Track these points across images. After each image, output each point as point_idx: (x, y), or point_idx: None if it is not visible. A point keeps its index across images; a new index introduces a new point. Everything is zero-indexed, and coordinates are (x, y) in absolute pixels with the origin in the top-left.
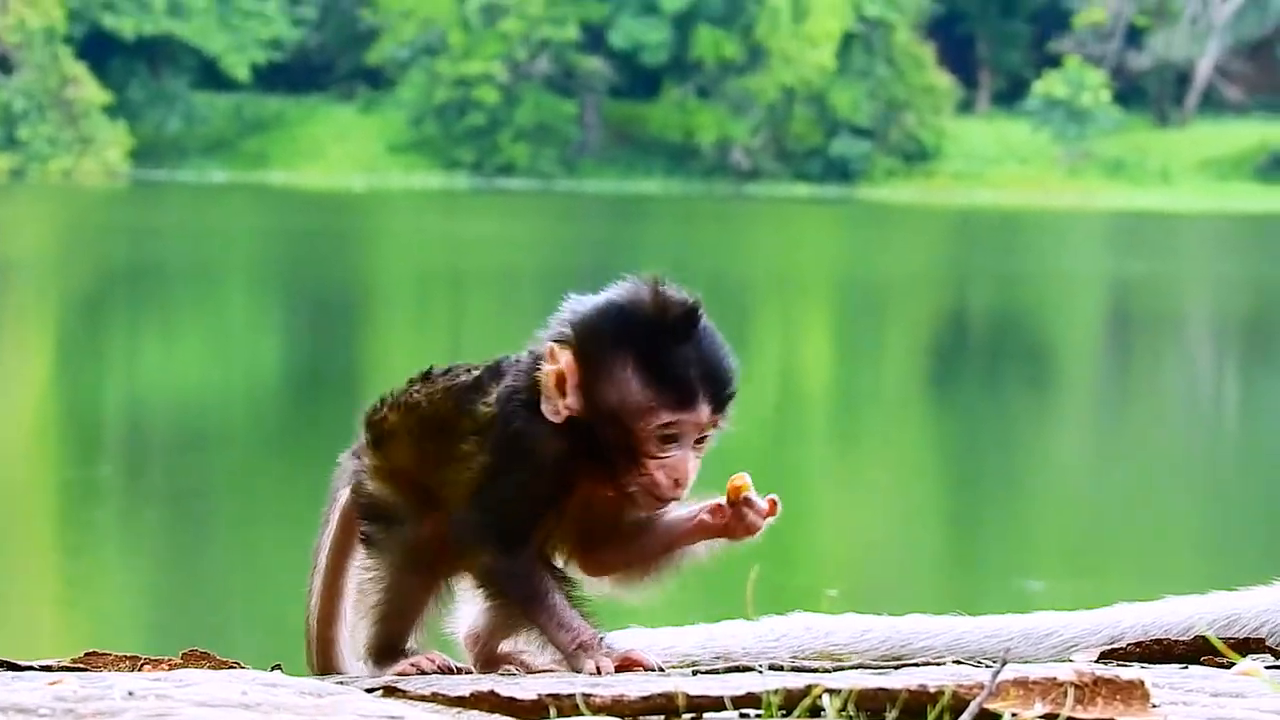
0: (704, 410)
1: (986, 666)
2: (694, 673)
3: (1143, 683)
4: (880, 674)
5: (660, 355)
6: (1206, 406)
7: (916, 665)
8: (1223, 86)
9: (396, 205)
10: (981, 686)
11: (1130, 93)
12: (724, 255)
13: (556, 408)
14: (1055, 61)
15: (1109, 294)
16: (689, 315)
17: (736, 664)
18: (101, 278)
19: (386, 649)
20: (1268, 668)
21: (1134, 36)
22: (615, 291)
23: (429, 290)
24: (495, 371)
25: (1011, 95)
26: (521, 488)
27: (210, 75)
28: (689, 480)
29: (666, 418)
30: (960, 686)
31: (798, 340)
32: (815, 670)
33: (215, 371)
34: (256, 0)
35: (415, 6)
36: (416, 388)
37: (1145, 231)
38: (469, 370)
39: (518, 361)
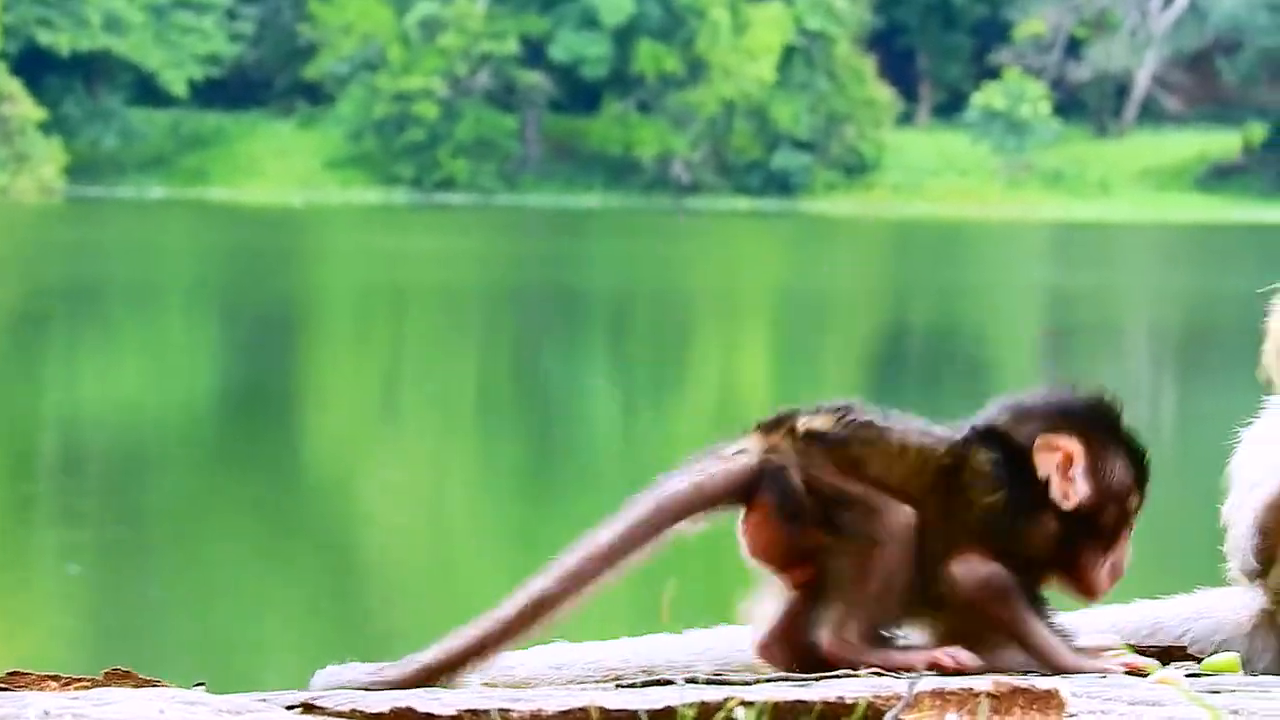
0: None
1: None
2: (615, 686)
3: (1058, 691)
4: (801, 686)
5: (1135, 442)
6: (1144, 416)
7: (839, 677)
8: (1162, 97)
9: (336, 221)
10: (899, 697)
11: (1070, 104)
12: (664, 269)
13: (1067, 494)
14: (995, 73)
15: (1047, 305)
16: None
17: (658, 677)
18: (37, 295)
19: (873, 634)
20: (1188, 675)
21: (1073, 48)
22: (1067, 390)
23: (369, 306)
24: (969, 438)
25: (951, 107)
26: (1030, 540)
27: (147, 91)
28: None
29: (1141, 497)
30: (877, 697)
31: (738, 353)
32: (735, 683)
33: (152, 388)
34: (194, 16)
35: (354, 22)
36: (862, 415)
37: (1085, 243)
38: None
39: (971, 435)
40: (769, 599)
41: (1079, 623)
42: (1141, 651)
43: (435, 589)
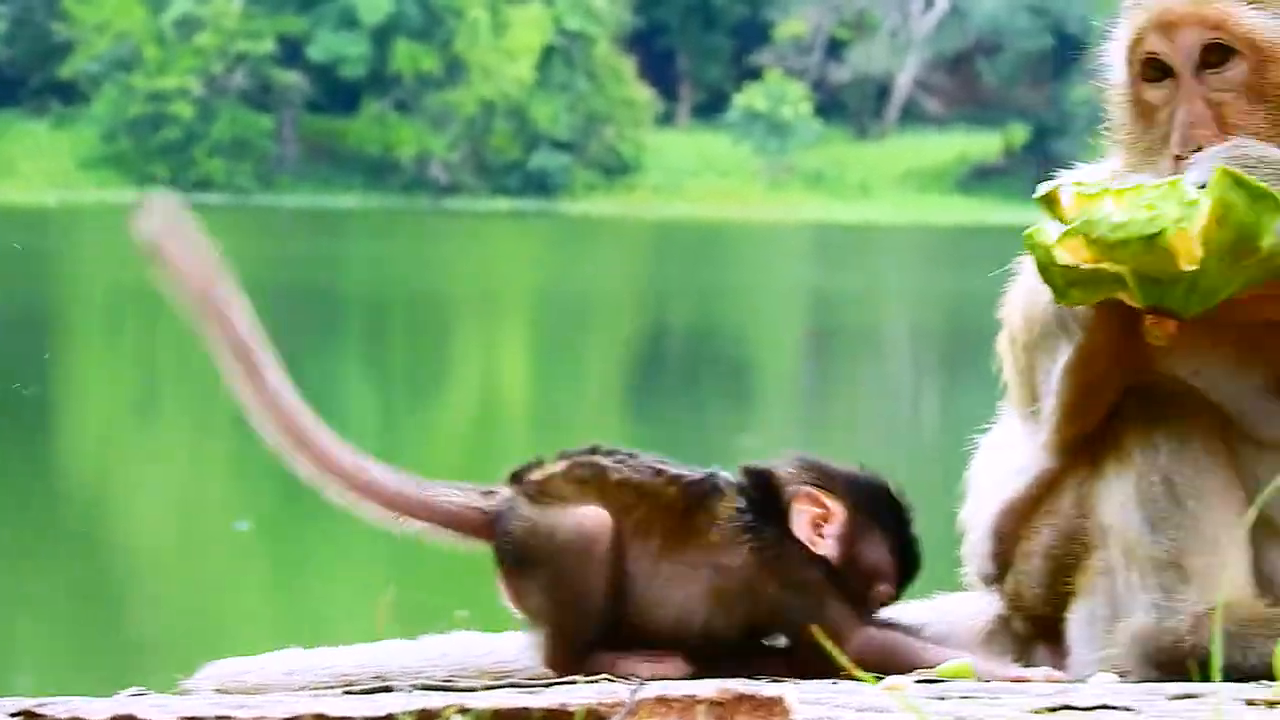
0: (901, 591)
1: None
2: (344, 693)
3: (783, 698)
4: (528, 692)
5: (906, 542)
6: (905, 417)
7: (566, 683)
8: (923, 99)
9: (90, 221)
10: (622, 704)
11: (831, 105)
12: (423, 270)
13: (814, 542)
14: (756, 74)
15: (808, 307)
16: (911, 515)
17: (389, 684)
18: None
19: (594, 647)
20: (922, 681)
21: (834, 49)
22: (861, 469)
23: (124, 307)
24: (720, 481)
25: (712, 108)
26: (822, 587)
27: None
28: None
29: (890, 592)
30: (600, 704)
31: (499, 354)
32: (462, 689)
33: None
34: None
35: (109, 20)
36: (598, 458)
37: (846, 244)
38: (664, 462)
39: (726, 479)
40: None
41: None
42: None
43: (188, 592)
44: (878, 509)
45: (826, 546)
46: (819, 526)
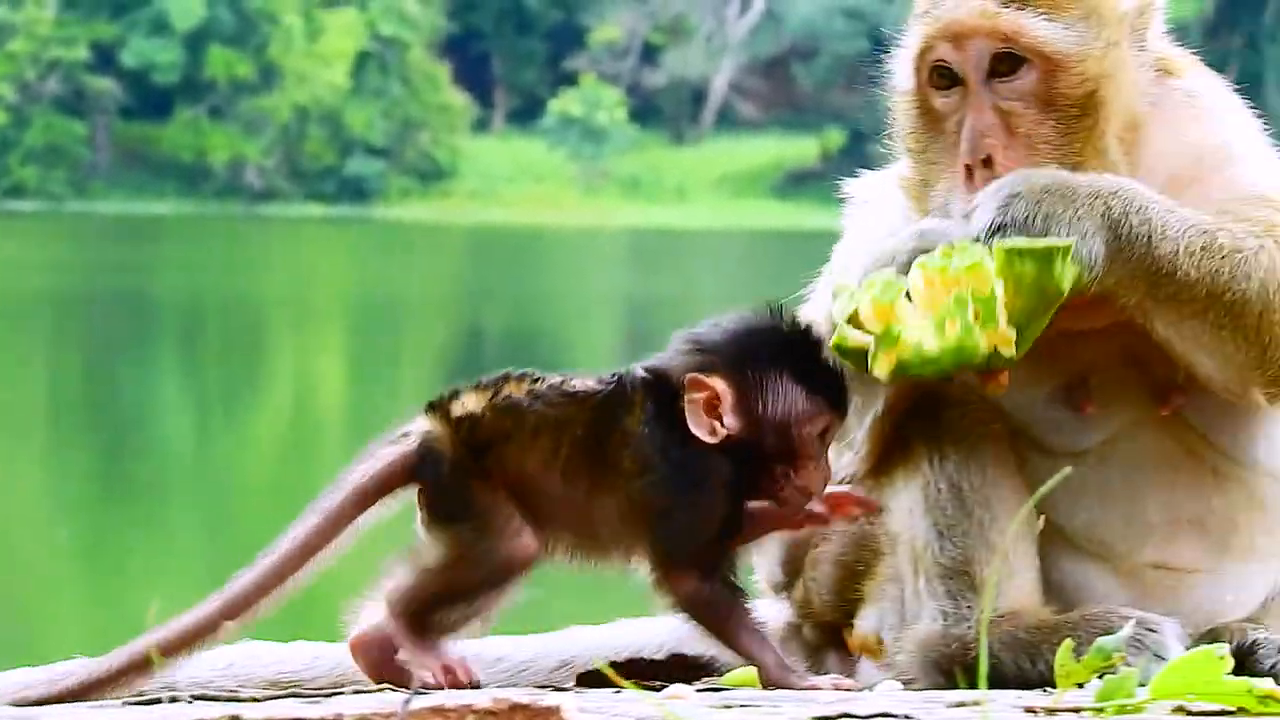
0: (844, 411)
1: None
2: (125, 704)
3: (560, 707)
4: (307, 702)
5: (814, 366)
6: None
7: (354, 693)
8: (738, 104)
9: None
10: (395, 714)
11: (646, 110)
12: (238, 276)
13: (712, 429)
14: (571, 80)
15: (625, 311)
16: (815, 333)
17: (175, 694)
18: None
19: (424, 625)
20: (706, 689)
21: (649, 54)
22: (741, 320)
23: None
24: (630, 382)
25: (527, 114)
26: (710, 515)
27: None
28: (830, 481)
29: (824, 422)
30: (376, 714)
31: (314, 359)
32: (242, 699)
33: None
34: None
35: None
36: (501, 392)
37: (662, 249)
38: (572, 380)
39: (634, 382)
40: (377, 597)
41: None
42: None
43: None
44: (769, 355)
45: (730, 428)
46: (714, 411)
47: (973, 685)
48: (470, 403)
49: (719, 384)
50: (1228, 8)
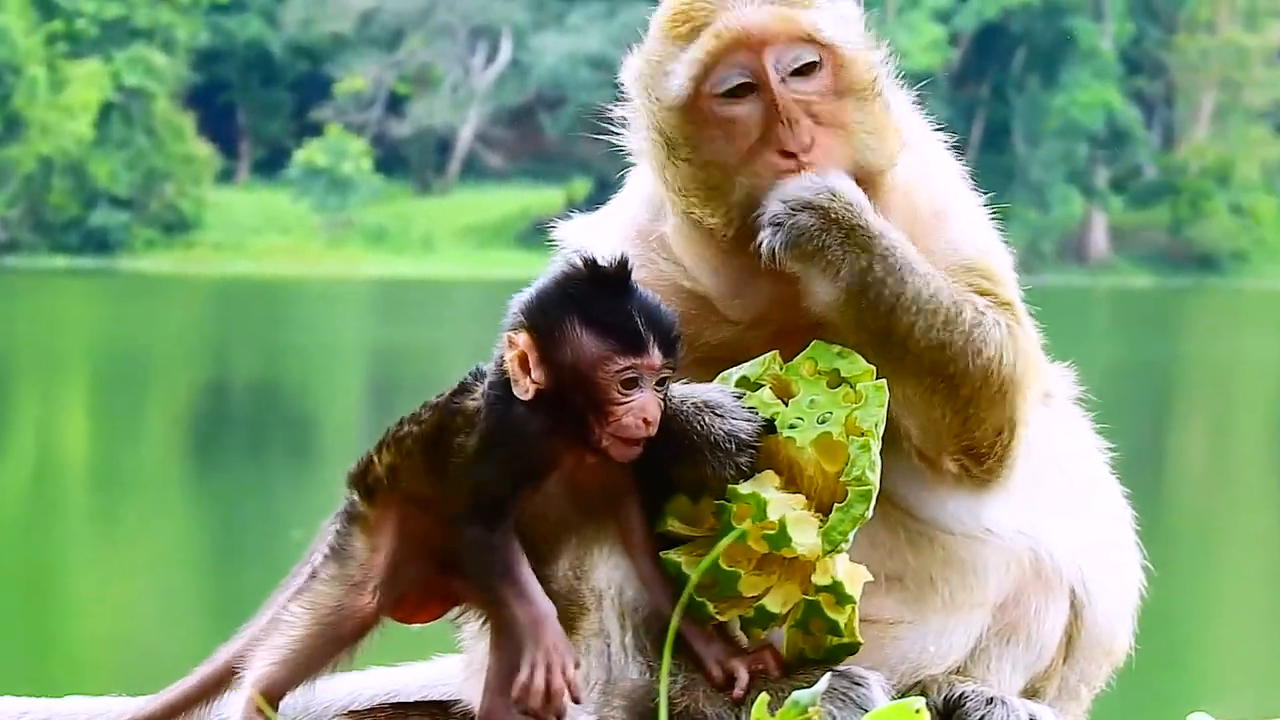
0: (654, 352)
1: None
2: None
3: None
4: None
5: (605, 309)
6: None
7: None
8: (485, 154)
9: None
10: None
11: (392, 160)
12: None
13: (525, 386)
14: (317, 130)
15: (371, 361)
16: (620, 269)
17: None
18: None
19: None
20: None
21: (395, 104)
22: (549, 271)
23: None
24: (477, 373)
25: (273, 164)
26: (503, 467)
27: None
28: (655, 418)
29: (622, 363)
30: None
31: (57, 415)
32: None
33: None
34: None
35: None
36: (398, 428)
37: (408, 299)
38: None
39: (479, 367)
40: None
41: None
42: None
43: None
44: (561, 303)
45: (539, 382)
46: (524, 366)
47: None
48: (377, 468)
49: (523, 339)
50: (974, 59)
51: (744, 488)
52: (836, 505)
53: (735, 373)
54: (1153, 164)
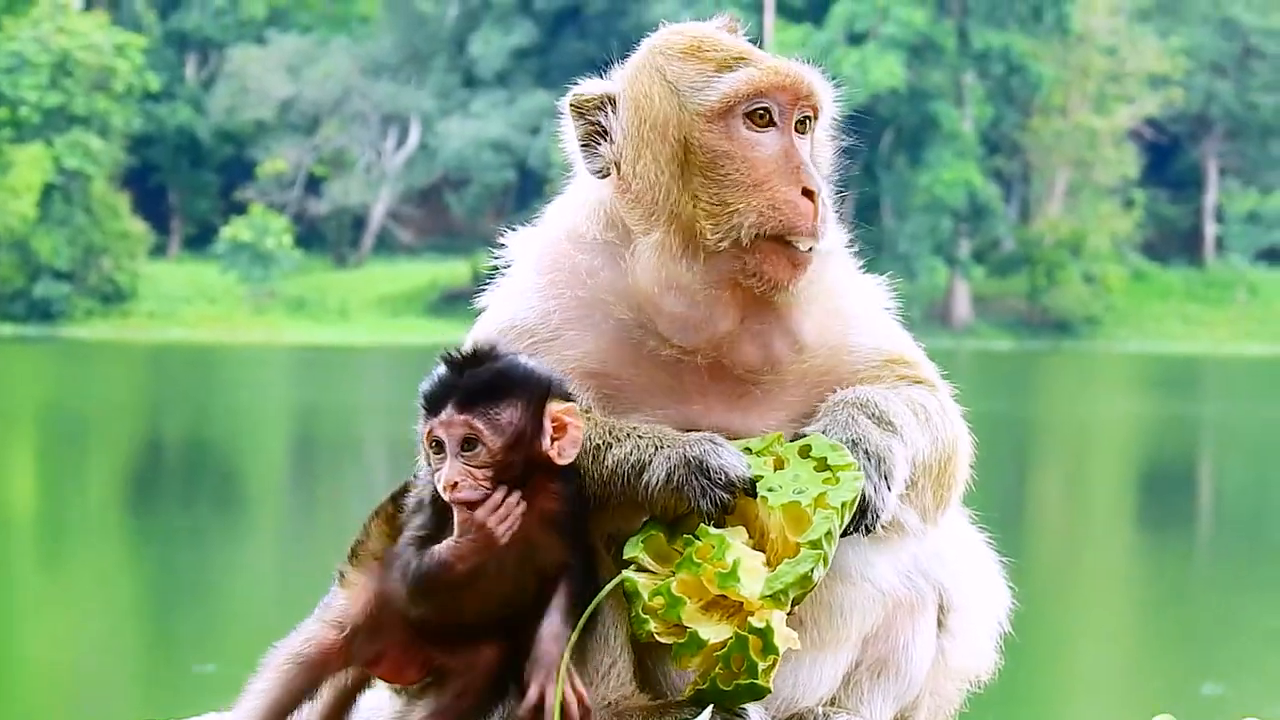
0: (446, 413)
1: None
2: None
3: None
4: None
5: (426, 381)
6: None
7: None
8: (396, 230)
9: None
10: None
11: (311, 236)
12: None
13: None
14: (241, 209)
15: (293, 421)
16: (458, 351)
17: None
18: None
19: None
20: None
21: (313, 185)
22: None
23: None
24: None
25: (202, 240)
26: (434, 603)
27: None
28: (449, 481)
29: (422, 426)
30: None
31: (4, 470)
32: None
33: None
34: None
35: None
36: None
37: (326, 364)
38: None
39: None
40: None
41: None
42: None
43: None
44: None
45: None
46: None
47: None
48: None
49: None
50: (846, 140)
51: (713, 530)
52: (787, 560)
53: (740, 444)
54: (1011, 237)
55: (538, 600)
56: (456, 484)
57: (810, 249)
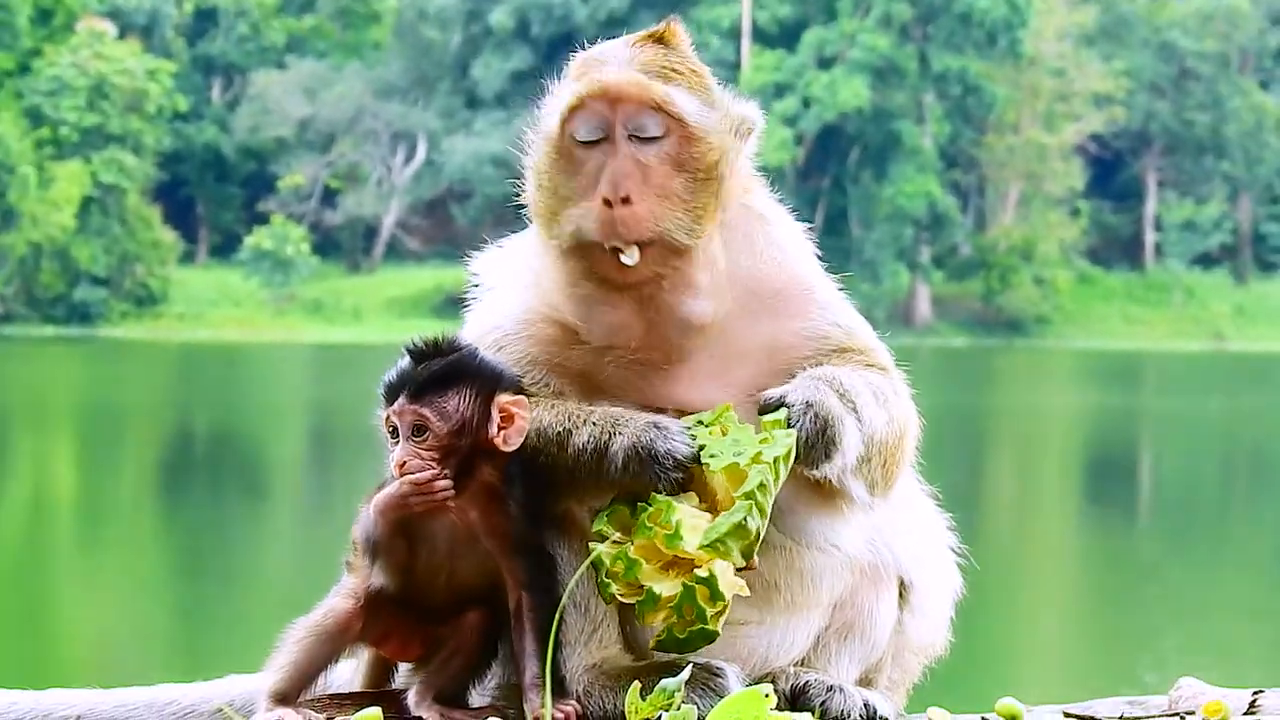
0: (399, 403)
1: None
2: None
3: None
4: None
5: (388, 371)
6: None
7: None
8: (404, 238)
9: None
10: None
11: (327, 244)
12: None
13: None
14: (263, 219)
15: (311, 415)
16: (419, 343)
17: None
18: None
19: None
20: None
21: (329, 197)
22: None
23: None
24: None
25: (227, 248)
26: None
27: None
28: (399, 461)
29: (379, 414)
30: None
31: (48, 462)
32: None
33: None
34: None
35: None
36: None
37: (341, 362)
38: None
39: None
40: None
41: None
42: None
43: None
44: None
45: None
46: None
47: None
48: None
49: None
50: (816, 155)
51: (661, 497)
52: (723, 512)
53: (694, 418)
54: (968, 243)
55: (501, 571)
56: (405, 464)
57: (620, 250)
